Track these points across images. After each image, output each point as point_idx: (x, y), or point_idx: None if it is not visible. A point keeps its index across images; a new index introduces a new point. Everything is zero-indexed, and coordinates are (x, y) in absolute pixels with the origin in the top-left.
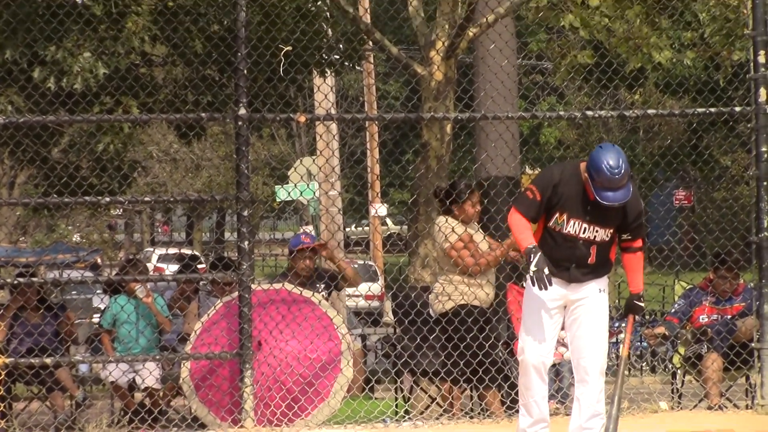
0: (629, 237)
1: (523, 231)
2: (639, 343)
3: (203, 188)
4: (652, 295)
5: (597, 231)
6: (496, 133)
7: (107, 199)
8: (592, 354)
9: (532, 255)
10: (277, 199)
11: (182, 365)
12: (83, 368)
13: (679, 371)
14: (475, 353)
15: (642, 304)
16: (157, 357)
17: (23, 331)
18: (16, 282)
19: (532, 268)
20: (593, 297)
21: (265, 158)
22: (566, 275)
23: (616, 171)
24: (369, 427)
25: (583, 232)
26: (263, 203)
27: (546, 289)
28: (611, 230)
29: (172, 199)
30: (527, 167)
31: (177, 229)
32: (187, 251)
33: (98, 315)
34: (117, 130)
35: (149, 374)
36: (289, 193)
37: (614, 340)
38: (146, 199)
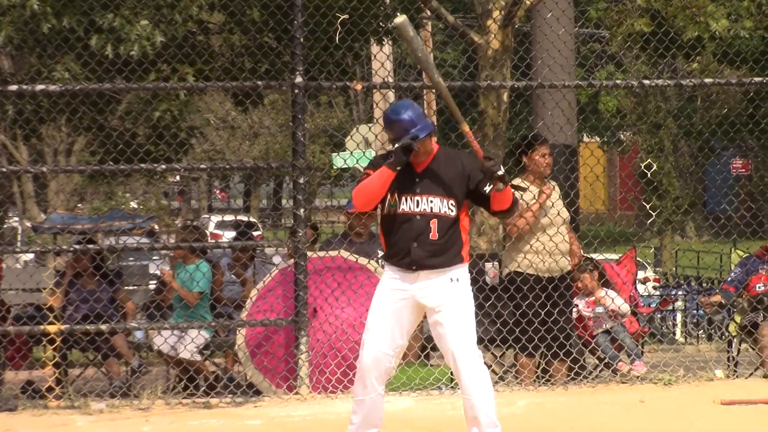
0: (488, 191)
1: (369, 178)
2: (695, 311)
3: (260, 155)
4: (708, 263)
5: (432, 201)
6: (553, 102)
7: (163, 165)
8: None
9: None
10: (334, 167)
11: (238, 332)
12: (138, 335)
13: (735, 339)
14: (543, 321)
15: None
16: (213, 323)
17: (79, 297)
18: (72, 248)
19: (398, 149)
20: (445, 290)
21: (322, 126)
22: (408, 260)
23: (398, 108)
24: (424, 394)
25: (417, 206)
26: (320, 171)
27: (416, 148)
28: (451, 201)
29: (228, 167)
30: (584, 136)
31: (234, 196)
32: (243, 218)
33: (154, 282)
34: (173, 97)
35: (187, 344)
36: (345, 161)
37: (670, 308)
38: (203, 166)
